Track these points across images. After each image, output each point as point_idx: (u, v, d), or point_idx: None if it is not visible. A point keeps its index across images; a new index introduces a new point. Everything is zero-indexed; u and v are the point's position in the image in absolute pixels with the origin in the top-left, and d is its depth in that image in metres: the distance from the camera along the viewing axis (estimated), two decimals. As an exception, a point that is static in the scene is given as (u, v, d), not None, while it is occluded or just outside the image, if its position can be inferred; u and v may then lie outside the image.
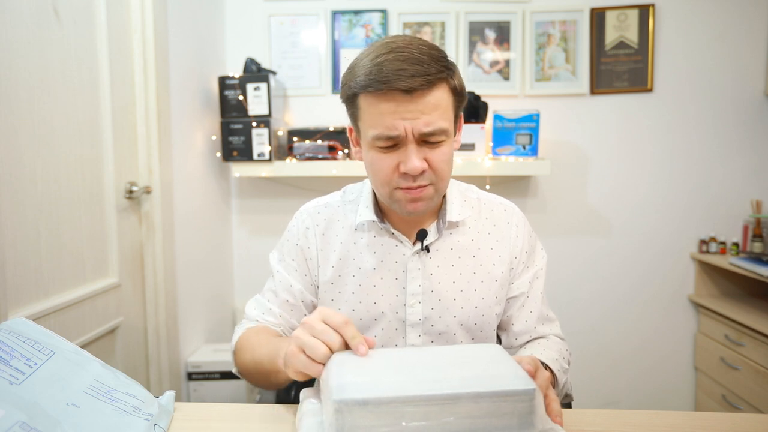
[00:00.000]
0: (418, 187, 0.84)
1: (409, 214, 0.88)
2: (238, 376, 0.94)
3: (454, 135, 0.89)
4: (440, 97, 0.81)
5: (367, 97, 0.81)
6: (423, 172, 0.83)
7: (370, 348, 0.66)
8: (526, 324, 0.98)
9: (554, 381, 0.86)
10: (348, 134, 0.95)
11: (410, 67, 0.77)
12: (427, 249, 0.93)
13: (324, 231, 0.99)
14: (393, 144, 0.82)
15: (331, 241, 0.98)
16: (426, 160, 0.82)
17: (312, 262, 0.98)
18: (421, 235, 0.93)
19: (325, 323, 0.67)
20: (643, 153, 2.20)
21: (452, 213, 0.95)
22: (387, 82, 0.77)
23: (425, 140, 0.82)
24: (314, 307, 0.99)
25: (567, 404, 0.97)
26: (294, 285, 0.98)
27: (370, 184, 0.96)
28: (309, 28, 2.23)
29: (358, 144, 0.91)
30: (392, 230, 0.95)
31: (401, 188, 0.85)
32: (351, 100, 0.86)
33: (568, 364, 0.96)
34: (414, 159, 0.81)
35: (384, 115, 0.80)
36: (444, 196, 0.97)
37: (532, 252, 1.01)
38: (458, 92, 0.86)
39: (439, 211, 0.97)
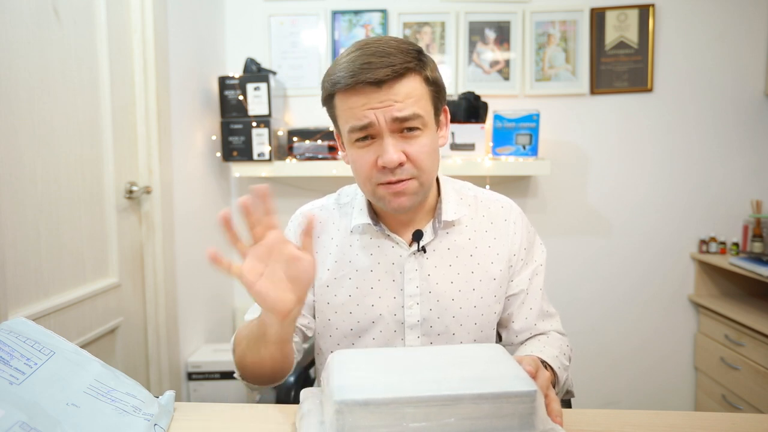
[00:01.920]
0: (399, 181, 0.83)
1: (395, 210, 0.87)
2: (240, 380, 0.90)
3: (437, 128, 0.89)
4: (412, 86, 0.81)
5: (340, 95, 0.83)
6: (401, 165, 0.82)
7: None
8: (526, 321, 0.98)
9: (554, 379, 0.86)
10: (336, 138, 0.95)
11: (377, 60, 0.79)
12: (423, 249, 0.93)
13: (319, 233, 0.98)
14: (368, 136, 0.82)
15: (326, 244, 0.97)
16: (405, 153, 0.82)
17: None
18: (417, 235, 0.92)
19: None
20: (643, 153, 2.20)
21: (448, 212, 0.94)
22: (354, 76, 0.79)
23: (401, 130, 0.82)
24: (312, 308, 0.98)
25: (568, 400, 0.97)
26: None
27: None
28: (309, 28, 2.23)
29: (344, 147, 0.91)
30: (387, 232, 0.94)
31: (382, 184, 0.84)
32: (328, 102, 0.87)
33: (569, 361, 0.96)
34: (390, 151, 0.80)
35: (355, 109, 0.81)
36: (439, 195, 0.96)
37: (531, 248, 1.00)
38: (433, 82, 0.85)
39: (434, 210, 0.96)
